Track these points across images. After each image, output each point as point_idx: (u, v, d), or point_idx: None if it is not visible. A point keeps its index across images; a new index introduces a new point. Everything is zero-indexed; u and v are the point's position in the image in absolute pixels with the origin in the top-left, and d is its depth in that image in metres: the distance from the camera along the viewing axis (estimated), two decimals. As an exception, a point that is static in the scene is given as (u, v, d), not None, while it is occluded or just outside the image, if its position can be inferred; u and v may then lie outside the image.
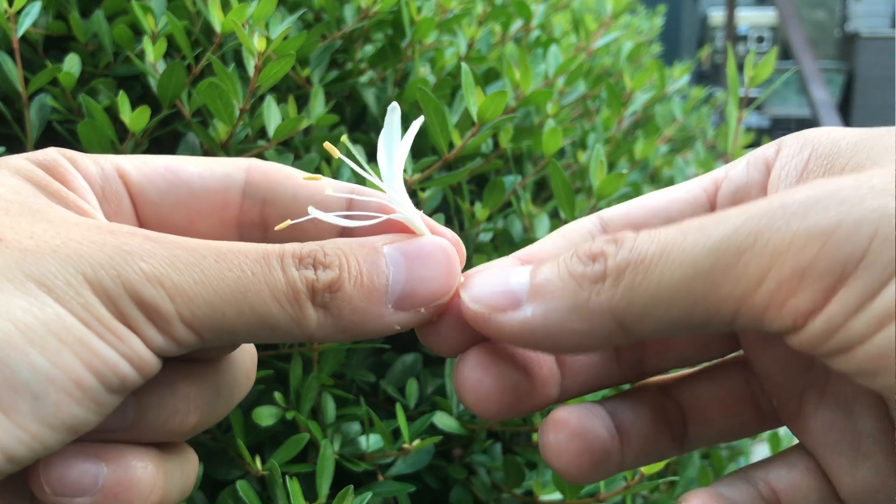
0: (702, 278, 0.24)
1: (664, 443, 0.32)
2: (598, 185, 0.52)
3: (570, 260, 0.27)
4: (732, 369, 0.33)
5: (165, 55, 0.50)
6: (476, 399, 0.29)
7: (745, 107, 0.69)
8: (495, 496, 0.51)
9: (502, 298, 0.27)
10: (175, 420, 0.28)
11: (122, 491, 0.26)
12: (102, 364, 0.24)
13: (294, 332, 0.26)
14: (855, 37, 6.14)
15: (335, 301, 0.27)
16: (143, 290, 0.24)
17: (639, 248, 0.25)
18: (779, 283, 0.23)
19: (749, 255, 0.23)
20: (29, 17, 0.47)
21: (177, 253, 0.25)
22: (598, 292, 0.25)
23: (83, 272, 0.24)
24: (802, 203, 0.23)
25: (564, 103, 0.67)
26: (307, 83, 0.55)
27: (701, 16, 7.12)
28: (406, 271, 0.28)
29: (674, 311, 0.24)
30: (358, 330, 0.27)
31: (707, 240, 0.24)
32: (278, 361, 0.49)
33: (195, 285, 0.25)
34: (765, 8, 6.84)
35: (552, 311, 0.26)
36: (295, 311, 0.26)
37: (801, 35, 3.82)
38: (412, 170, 0.51)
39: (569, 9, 0.87)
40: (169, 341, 0.25)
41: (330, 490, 0.42)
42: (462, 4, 0.61)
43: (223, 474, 0.47)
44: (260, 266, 0.26)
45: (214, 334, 0.25)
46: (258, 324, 0.26)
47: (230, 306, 0.25)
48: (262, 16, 0.46)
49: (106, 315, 0.24)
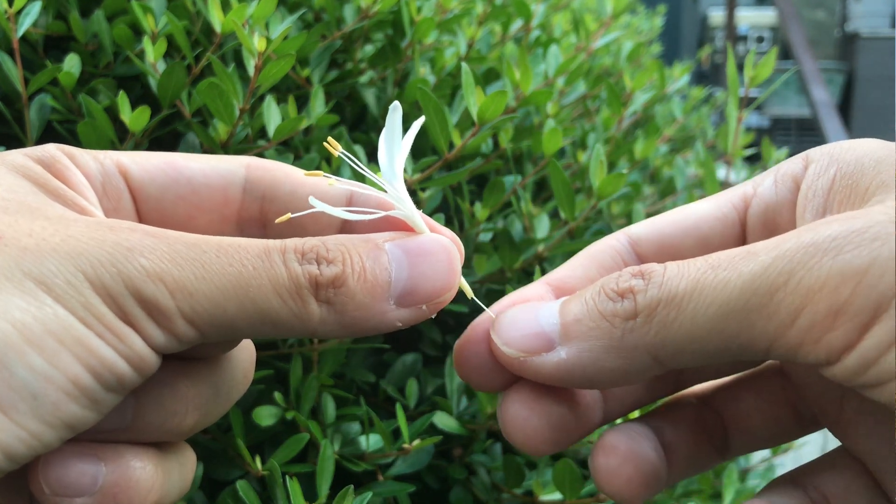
0: (735, 316, 0.24)
1: (706, 454, 0.32)
2: (598, 185, 0.52)
3: (598, 297, 0.27)
4: (770, 377, 0.33)
5: (165, 55, 0.50)
6: (524, 438, 0.29)
7: (745, 107, 0.69)
8: (495, 496, 0.51)
9: (535, 341, 0.28)
10: (174, 420, 0.28)
11: (121, 491, 0.26)
12: (100, 364, 0.24)
13: (296, 328, 0.26)
14: (855, 37, 6.14)
15: (339, 297, 0.26)
16: (143, 287, 0.24)
17: (669, 284, 0.25)
18: (813, 321, 0.23)
19: (782, 294, 0.23)
20: (29, 17, 0.47)
21: (177, 248, 0.25)
22: (631, 330, 0.26)
23: (83, 270, 0.24)
24: (834, 240, 0.23)
25: (564, 103, 0.67)
26: (307, 83, 0.55)
27: (701, 16, 7.12)
28: (408, 268, 0.28)
29: (709, 346, 0.25)
30: (360, 326, 0.27)
31: (738, 278, 0.24)
32: (278, 361, 0.49)
33: (196, 281, 0.25)
34: (765, 8, 6.84)
35: (586, 351, 0.27)
36: (297, 307, 0.26)
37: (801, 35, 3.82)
38: (412, 170, 0.51)
39: (569, 9, 0.87)
40: (169, 337, 0.25)
41: (330, 490, 0.42)
42: (462, 4, 0.61)
43: (223, 474, 0.47)
44: (261, 261, 0.26)
45: (215, 330, 0.25)
46: (260, 319, 0.25)
47: (231, 301, 0.25)
48: (262, 16, 0.46)
49: (106, 313, 0.24)
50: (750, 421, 0.33)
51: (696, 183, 0.82)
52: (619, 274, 0.27)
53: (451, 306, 0.52)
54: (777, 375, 0.33)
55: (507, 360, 0.28)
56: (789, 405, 0.32)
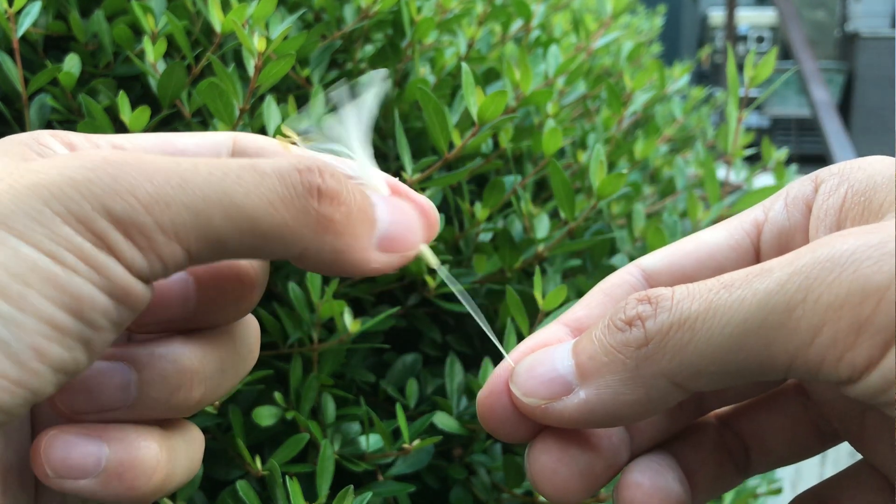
0: (753, 334, 0.24)
1: (729, 475, 0.32)
2: (598, 185, 0.52)
3: (606, 330, 0.26)
4: (790, 396, 0.32)
5: (165, 55, 0.50)
6: (554, 490, 0.29)
7: (745, 107, 0.69)
8: (495, 496, 0.51)
9: (553, 387, 0.27)
10: (179, 394, 0.27)
11: (126, 470, 0.25)
12: (76, 301, 0.22)
13: (288, 242, 0.25)
14: (855, 37, 6.14)
15: (338, 213, 0.25)
16: (113, 205, 0.22)
17: (680, 307, 0.25)
18: (834, 338, 0.23)
19: (801, 311, 0.23)
20: (29, 17, 0.47)
21: (146, 161, 0.23)
22: (645, 357, 0.25)
23: (45, 201, 0.22)
24: (852, 254, 0.23)
25: (564, 103, 0.67)
26: (307, 83, 0.55)
27: (701, 16, 7.12)
28: (389, 214, 0.28)
29: (728, 367, 0.24)
30: (347, 258, 0.26)
31: (754, 296, 0.24)
32: (278, 361, 0.49)
33: (173, 190, 0.23)
34: (765, 8, 6.84)
35: (604, 387, 0.26)
36: (294, 216, 0.24)
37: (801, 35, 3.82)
38: (412, 170, 0.51)
39: (569, 9, 0.87)
40: (153, 259, 0.23)
41: (330, 490, 0.42)
42: (462, 4, 0.61)
43: (223, 474, 0.47)
44: (249, 171, 0.24)
45: (202, 245, 0.24)
46: (250, 229, 0.24)
47: (216, 209, 0.23)
48: (262, 16, 0.46)
49: (81, 244, 0.22)
50: (771, 440, 0.32)
51: (696, 183, 0.82)
52: (625, 303, 0.26)
53: (451, 306, 0.52)
54: (797, 393, 0.32)
55: (529, 410, 0.28)
56: (810, 422, 0.32)
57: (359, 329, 0.47)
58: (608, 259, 0.60)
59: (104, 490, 0.25)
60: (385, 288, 0.54)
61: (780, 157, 0.79)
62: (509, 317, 0.47)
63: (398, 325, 0.54)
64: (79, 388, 0.26)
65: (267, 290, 0.53)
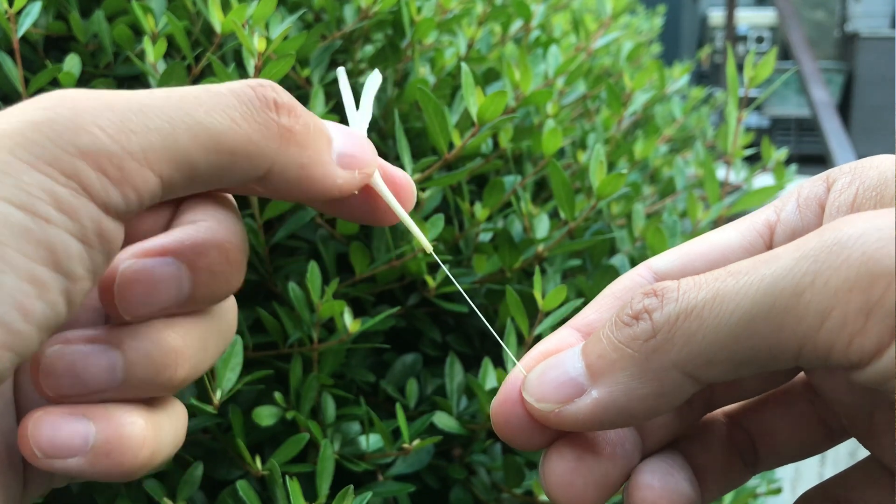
0: (762, 320, 0.23)
1: (738, 472, 0.32)
2: (598, 185, 0.52)
3: (613, 327, 0.26)
4: (798, 393, 0.32)
5: (165, 55, 0.50)
6: (570, 499, 0.28)
7: (745, 107, 0.69)
8: (495, 496, 0.51)
9: (565, 390, 0.27)
10: (164, 375, 0.27)
11: (113, 448, 0.26)
12: (52, 253, 0.22)
13: (254, 156, 0.25)
14: (855, 37, 6.13)
15: (297, 125, 0.26)
16: (79, 139, 0.22)
17: (686, 297, 0.25)
18: (843, 322, 0.23)
19: (809, 295, 0.23)
20: (29, 17, 0.47)
21: (103, 93, 0.23)
22: (654, 350, 0.25)
23: (10, 150, 0.22)
24: (861, 237, 0.23)
25: (564, 103, 0.67)
26: (307, 83, 0.55)
27: (701, 16, 7.12)
28: (339, 133, 0.28)
29: (738, 354, 0.24)
30: (311, 172, 0.27)
31: (761, 281, 0.24)
32: (278, 361, 0.49)
33: (135, 116, 0.23)
34: (765, 8, 6.84)
35: (615, 384, 0.26)
36: (256, 127, 0.25)
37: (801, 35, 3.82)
38: (412, 170, 0.51)
39: (569, 9, 0.87)
40: (128, 191, 0.23)
41: (330, 490, 0.42)
42: (462, 4, 0.61)
43: (223, 474, 0.47)
44: (205, 91, 0.24)
45: (173, 169, 0.24)
46: (215, 147, 0.24)
47: (182, 130, 0.23)
48: (262, 16, 0.46)
49: (49, 187, 0.22)
50: (779, 437, 0.32)
51: (695, 183, 0.82)
52: (631, 298, 0.26)
53: (451, 306, 0.52)
54: (805, 390, 0.32)
55: (543, 416, 0.28)
56: (818, 419, 0.32)
57: (359, 329, 0.47)
58: (608, 259, 0.60)
59: (92, 468, 0.25)
60: (385, 288, 0.54)
61: (779, 158, 0.79)
62: (509, 317, 0.47)
63: (398, 325, 0.54)
64: (65, 373, 0.25)
65: (267, 290, 0.53)
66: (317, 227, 0.53)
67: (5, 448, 0.27)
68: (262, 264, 0.51)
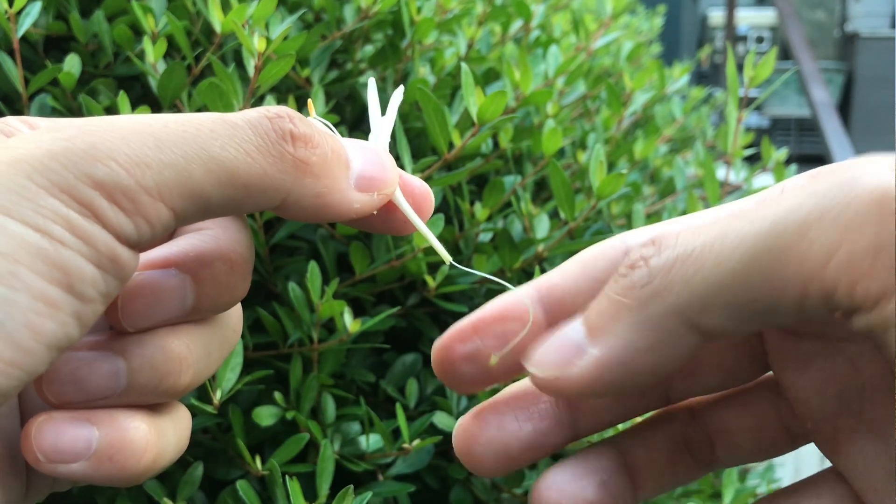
0: (764, 258, 0.22)
1: (684, 470, 0.31)
2: (597, 186, 0.52)
3: (612, 282, 0.25)
4: (761, 393, 0.31)
5: (165, 55, 0.50)
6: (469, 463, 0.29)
7: (745, 107, 0.69)
8: (495, 496, 0.52)
9: (565, 353, 0.26)
10: (168, 381, 0.27)
11: (117, 452, 0.26)
12: (66, 274, 0.22)
13: (269, 190, 0.25)
14: (854, 37, 6.13)
15: (314, 157, 0.26)
16: (95, 171, 0.22)
17: (684, 241, 0.24)
18: (850, 260, 0.21)
19: (815, 232, 0.22)
20: (29, 17, 0.47)
21: (119, 125, 0.23)
22: (651, 296, 0.24)
23: (27, 175, 0.22)
24: (874, 173, 0.21)
25: (564, 103, 0.67)
26: (307, 83, 0.55)
27: (701, 16, 7.12)
28: (359, 155, 0.28)
29: (740, 296, 0.23)
30: (328, 200, 0.26)
31: (765, 219, 0.22)
32: (278, 361, 0.49)
33: (151, 151, 0.23)
34: (765, 8, 6.84)
35: (614, 338, 0.25)
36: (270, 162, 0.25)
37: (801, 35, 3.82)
38: (412, 170, 0.51)
39: (569, 9, 0.87)
40: (140, 222, 0.23)
41: (330, 490, 0.42)
42: (462, 4, 0.61)
43: (223, 474, 0.47)
44: (220, 123, 0.24)
45: (186, 202, 0.24)
46: (229, 180, 0.24)
47: (196, 164, 0.23)
48: (262, 16, 0.46)
49: (67, 214, 0.22)
50: (738, 437, 0.31)
51: (695, 183, 0.82)
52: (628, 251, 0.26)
53: (450, 306, 0.52)
54: (768, 391, 0.31)
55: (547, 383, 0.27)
56: (780, 421, 0.31)
57: (359, 329, 0.47)
58: (608, 259, 0.60)
59: (96, 472, 0.25)
60: (385, 288, 0.54)
61: (779, 158, 0.79)
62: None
63: (398, 325, 0.54)
64: (68, 379, 0.25)
65: (267, 290, 0.53)
66: (317, 226, 0.53)
67: (8, 452, 0.27)
68: (262, 264, 0.52)
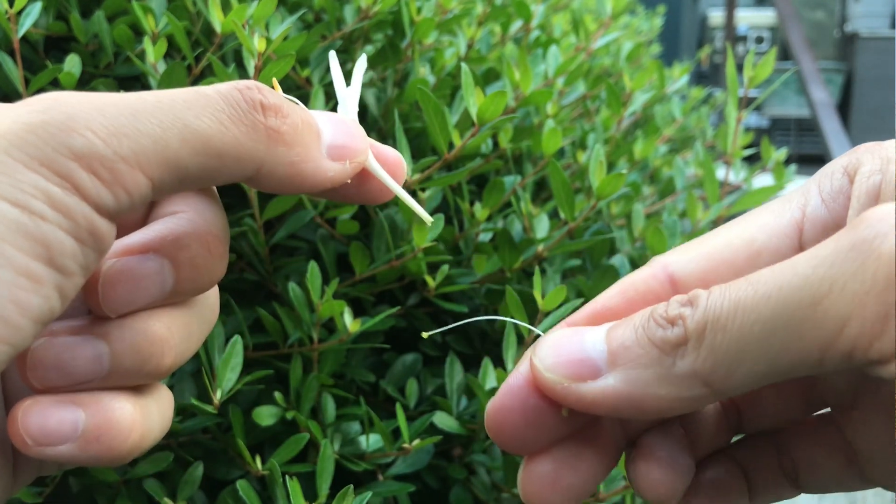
0: (781, 330, 0.24)
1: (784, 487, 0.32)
2: (597, 186, 0.52)
3: (647, 324, 0.26)
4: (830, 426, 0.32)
5: (166, 55, 0.50)
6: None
7: (745, 107, 0.69)
8: (495, 496, 0.52)
9: (580, 367, 0.27)
10: (151, 363, 0.27)
11: (103, 433, 0.26)
12: (47, 248, 0.22)
13: (244, 158, 0.26)
14: (854, 37, 6.14)
15: (285, 126, 0.26)
16: (73, 142, 0.23)
17: (713, 306, 0.25)
18: (861, 329, 0.23)
19: (827, 303, 0.23)
20: (29, 17, 0.47)
21: (94, 97, 0.24)
22: (682, 356, 0.25)
23: (5, 150, 0.22)
24: (875, 240, 0.23)
25: (564, 103, 0.67)
26: (307, 83, 0.55)
27: (701, 16, 7.13)
28: (329, 124, 0.28)
29: (759, 364, 0.24)
30: (301, 168, 0.27)
31: (779, 292, 0.24)
32: (278, 361, 0.49)
33: (127, 120, 0.23)
34: (764, 8, 6.84)
35: (636, 378, 0.26)
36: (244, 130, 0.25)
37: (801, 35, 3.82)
38: (412, 170, 0.51)
39: (569, 9, 0.87)
40: (119, 192, 0.24)
41: (330, 490, 0.42)
42: (462, 4, 0.61)
43: (223, 474, 0.47)
44: (194, 94, 0.25)
45: (163, 171, 0.24)
46: (204, 149, 0.25)
47: (172, 133, 0.24)
48: (262, 16, 0.46)
49: (44, 187, 0.22)
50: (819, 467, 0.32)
51: (695, 183, 0.82)
52: (668, 302, 0.26)
53: (450, 306, 0.52)
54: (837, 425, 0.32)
55: (550, 385, 0.27)
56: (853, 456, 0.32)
57: (359, 329, 0.47)
58: (608, 259, 0.60)
59: (83, 454, 0.26)
60: (385, 288, 0.54)
61: (779, 158, 0.79)
62: (509, 317, 0.47)
63: (398, 325, 0.54)
64: (52, 364, 0.26)
65: (267, 290, 0.53)
66: (317, 226, 0.53)
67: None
68: (262, 264, 0.52)
